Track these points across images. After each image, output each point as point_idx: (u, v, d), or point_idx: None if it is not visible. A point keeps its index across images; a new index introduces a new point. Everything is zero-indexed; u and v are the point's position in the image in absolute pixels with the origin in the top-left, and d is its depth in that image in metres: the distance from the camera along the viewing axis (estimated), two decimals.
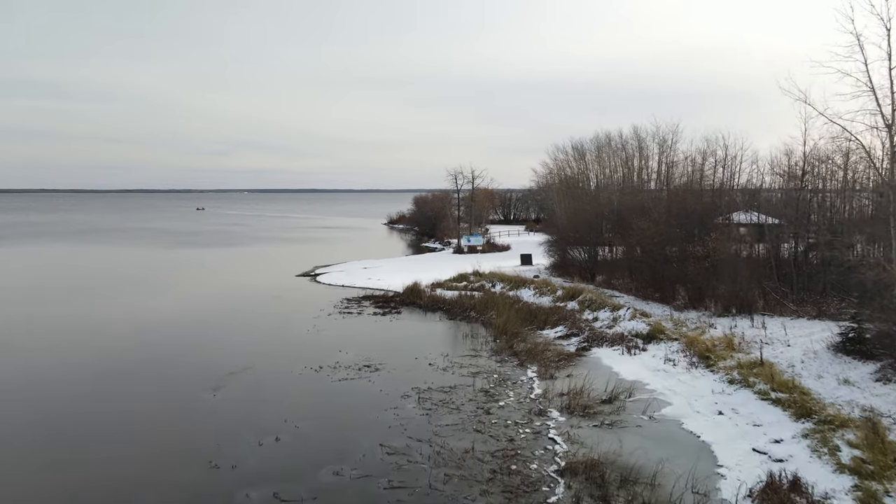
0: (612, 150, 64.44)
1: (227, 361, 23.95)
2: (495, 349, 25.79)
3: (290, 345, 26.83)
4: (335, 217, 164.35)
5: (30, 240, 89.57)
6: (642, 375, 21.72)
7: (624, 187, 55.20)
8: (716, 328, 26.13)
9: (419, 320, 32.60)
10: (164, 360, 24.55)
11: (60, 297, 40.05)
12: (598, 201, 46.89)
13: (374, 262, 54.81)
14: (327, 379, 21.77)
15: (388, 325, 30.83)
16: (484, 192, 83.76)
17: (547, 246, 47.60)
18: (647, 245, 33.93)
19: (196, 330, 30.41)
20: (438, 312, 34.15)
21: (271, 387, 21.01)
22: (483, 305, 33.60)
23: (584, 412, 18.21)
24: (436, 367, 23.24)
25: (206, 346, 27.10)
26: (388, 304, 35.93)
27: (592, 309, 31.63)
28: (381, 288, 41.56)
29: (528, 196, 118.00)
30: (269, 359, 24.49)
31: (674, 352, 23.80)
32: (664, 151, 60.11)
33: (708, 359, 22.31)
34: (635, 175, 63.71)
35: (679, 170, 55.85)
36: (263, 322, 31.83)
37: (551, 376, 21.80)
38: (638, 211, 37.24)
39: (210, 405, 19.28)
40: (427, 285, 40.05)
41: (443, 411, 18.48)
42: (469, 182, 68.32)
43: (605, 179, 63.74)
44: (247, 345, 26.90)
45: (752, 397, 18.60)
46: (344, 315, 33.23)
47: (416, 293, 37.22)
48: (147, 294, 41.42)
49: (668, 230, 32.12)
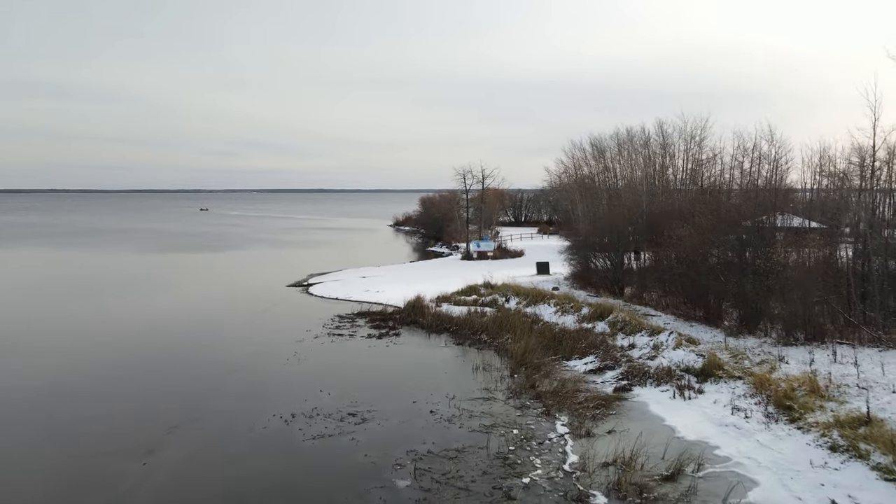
0: (633, 147, 59.25)
1: (173, 407, 19.14)
2: (513, 388, 20.83)
3: (260, 381, 21.98)
4: (340, 218, 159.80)
5: (15, 242, 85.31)
6: (707, 433, 16.69)
7: (651, 187, 49.99)
8: (787, 363, 21.07)
9: (421, 345, 27.69)
10: (88, 411, 19.72)
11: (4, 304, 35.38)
12: (626, 203, 41.80)
13: (373, 271, 49.88)
14: (298, 436, 16.88)
15: (383, 353, 25.93)
16: (494, 193, 78.77)
17: (567, 253, 42.56)
18: (688, 255, 28.87)
19: (149, 357, 25.58)
20: (444, 335, 29.22)
21: (219, 453, 16.08)
22: (496, 326, 28.66)
23: (641, 497, 13.24)
24: (439, 415, 18.33)
25: (153, 381, 22.26)
26: (386, 324, 31.04)
27: (627, 332, 26.63)
28: (380, 302, 36.69)
29: (540, 196, 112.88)
30: (228, 403, 19.63)
31: (740, 396, 18.78)
32: (692, 148, 54.88)
33: (790, 409, 17.27)
34: (659, 174, 58.51)
35: (716, 167, 50.68)
36: (236, 347, 27.02)
37: (588, 433, 16.82)
38: (675, 215, 32.11)
39: (130, 483, 14.40)
40: (432, 299, 35.19)
41: (447, 493, 13.55)
42: (479, 182, 63.33)
43: (627, 179, 58.55)
44: (207, 381, 22.07)
45: (872, 476, 13.56)
46: (333, 338, 28.36)
47: (418, 310, 32.30)
48: (103, 305, 36.74)
49: (716, 238, 27.03)
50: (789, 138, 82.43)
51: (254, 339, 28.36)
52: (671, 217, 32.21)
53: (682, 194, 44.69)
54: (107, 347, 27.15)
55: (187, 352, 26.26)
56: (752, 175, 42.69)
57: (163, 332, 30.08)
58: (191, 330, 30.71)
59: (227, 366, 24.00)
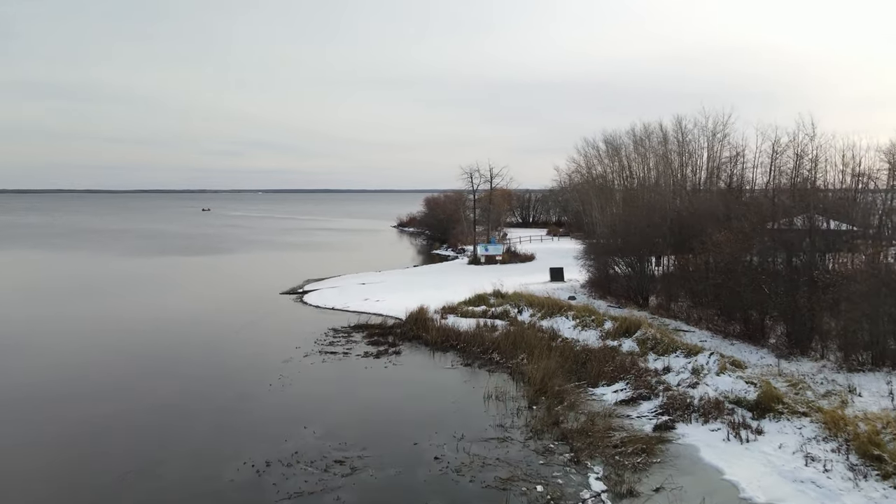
0: (651, 145, 55.84)
1: (129, 449, 15.96)
2: (533, 425, 17.54)
3: (236, 413, 18.76)
4: (343, 219, 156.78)
5: (4, 243, 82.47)
6: (781, 492, 13.38)
7: (677, 187, 46.56)
8: (860, 394, 17.75)
9: (424, 366, 24.43)
10: (22, 462, 16.55)
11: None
12: (650, 204, 38.43)
13: (374, 277, 46.57)
14: (271, 493, 13.64)
15: (380, 378, 22.68)
16: (501, 193, 75.38)
17: (584, 258, 39.25)
18: (727, 263, 25.53)
19: (109, 382, 22.39)
20: (450, 353, 25.95)
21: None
22: (509, 344, 25.39)
23: None
24: (445, 463, 15.07)
25: (109, 415, 19.07)
26: (385, 339, 27.81)
27: (659, 352, 23.32)
28: (380, 313, 33.46)
29: (549, 197, 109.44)
30: (195, 443, 16.44)
31: (811, 440, 15.47)
32: (713, 145, 51.48)
33: (880, 461, 13.96)
34: (678, 172, 55.09)
35: (738, 166, 47.22)
36: (215, 367, 23.85)
37: (631, 491, 13.54)
38: (708, 217, 28.78)
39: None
40: (436, 310, 31.97)
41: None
42: (486, 181, 59.99)
43: (644, 178, 55.13)
44: (174, 412, 18.88)
45: None
46: (325, 357, 25.14)
47: (421, 323, 29.05)
48: (68, 313, 33.67)
49: (761, 243, 23.69)
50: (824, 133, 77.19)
51: (236, 357, 25.19)
52: (704, 219, 28.87)
53: (710, 194, 41.26)
54: (63, 365, 24.02)
55: (155, 374, 23.07)
56: (789, 174, 39.23)
57: (130, 348, 26.94)
58: (165, 346, 27.54)
59: (201, 392, 20.83)
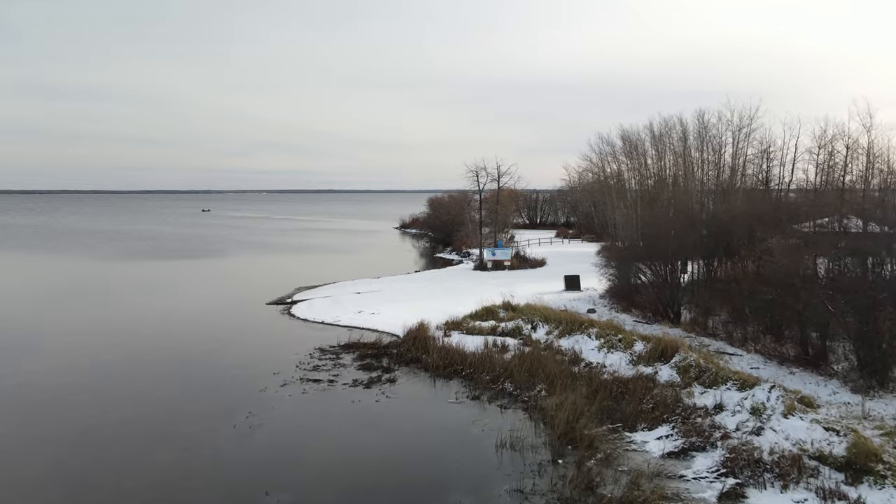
0: (671, 141, 51.79)
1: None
2: (559, 489, 13.61)
3: (186, 468, 14.91)
4: (346, 219, 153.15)
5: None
6: None
7: (708, 186, 42.50)
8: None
9: (423, 400, 20.52)
10: None
11: None
12: (680, 205, 34.44)
13: (370, 284, 42.52)
14: None
15: (369, 417, 18.77)
16: (508, 193, 71.36)
17: (603, 264, 35.31)
18: (783, 275, 21.55)
19: (43, 421, 18.59)
20: (454, 380, 22.04)
21: None
22: (524, 370, 21.45)
23: None
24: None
25: (32, 464, 15.25)
26: (379, 361, 23.96)
27: (705, 383, 19.40)
28: (375, 328, 29.62)
29: (557, 197, 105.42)
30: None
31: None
32: (740, 140, 47.40)
33: None
34: (700, 169, 51.03)
35: (766, 162, 43.16)
36: (174, 398, 20.02)
37: None
38: (752, 219, 24.83)
39: None
40: (439, 326, 28.17)
41: None
42: (494, 180, 56.01)
43: (664, 175, 51.08)
44: (112, 465, 15.04)
45: None
46: (307, 386, 21.27)
47: (420, 343, 25.17)
48: (23, 325, 29.87)
49: (831, 251, 19.68)
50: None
51: (201, 387, 21.38)
52: (746, 222, 24.91)
53: (752, 193, 37.23)
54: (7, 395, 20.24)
55: (100, 406, 19.25)
56: (839, 170, 35.23)
57: (83, 370, 23.16)
58: (123, 366, 23.76)
59: (151, 432, 17.02)
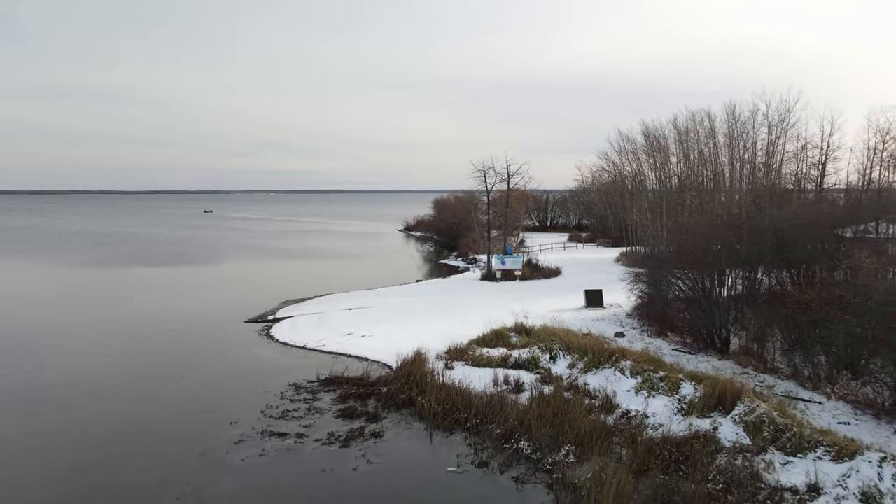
0: (699, 137, 47.03)
1: None
2: None
3: None
4: (349, 221, 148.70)
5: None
6: None
7: (756, 188, 37.71)
8: None
9: (414, 464, 15.93)
10: None
11: None
12: (724, 210, 29.76)
13: (365, 298, 37.76)
14: None
15: (341, 489, 14.20)
16: (519, 194, 66.65)
17: (631, 279, 30.66)
18: (879, 303, 16.88)
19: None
20: (456, 433, 17.47)
21: None
22: (544, 422, 16.86)
23: None
24: None
25: None
26: (364, 405, 19.46)
27: (786, 450, 14.78)
28: (364, 356, 25.13)
29: (569, 198, 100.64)
30: None
31: None
32: (778, 136, 42.65)
33: None
34: (728, 168, 46.27)
35: (805, 161, 38.40)
36: (98, 459, 15.54)
37: None
38: (824, 228, 20.14)
39: None
40: (439, 354, 23.70)
41: None
42: (503, 180, 51.32)
43: (692, 175, 46.31)
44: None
45: None
46: (268, 444, 16.76)
47: (416, 380, 20.59)
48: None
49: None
50: None
51: (136, 441, 16.92)
52: (816, 232, 20.27)
53: (818, 198, 32.46)
54: None
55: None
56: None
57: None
58: (35, 407, 19.31)
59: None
